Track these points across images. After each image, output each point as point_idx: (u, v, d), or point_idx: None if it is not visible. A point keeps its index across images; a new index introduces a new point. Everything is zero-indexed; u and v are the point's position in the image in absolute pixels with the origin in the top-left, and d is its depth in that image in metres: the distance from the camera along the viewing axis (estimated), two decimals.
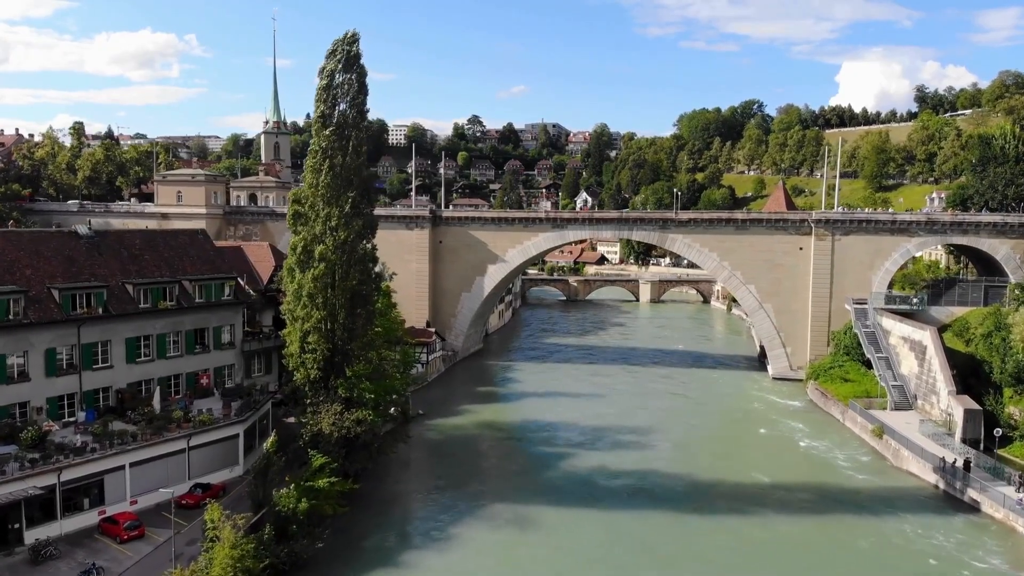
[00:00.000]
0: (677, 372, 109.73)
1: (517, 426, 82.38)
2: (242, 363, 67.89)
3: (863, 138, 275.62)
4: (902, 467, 68.72)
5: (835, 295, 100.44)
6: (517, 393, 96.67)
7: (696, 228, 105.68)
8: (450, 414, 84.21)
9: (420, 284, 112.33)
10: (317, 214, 56.18)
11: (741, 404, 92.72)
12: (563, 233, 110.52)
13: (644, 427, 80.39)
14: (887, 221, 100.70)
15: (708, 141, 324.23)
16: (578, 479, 65.05)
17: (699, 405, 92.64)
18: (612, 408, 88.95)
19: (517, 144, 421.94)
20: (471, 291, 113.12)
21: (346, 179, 56.71)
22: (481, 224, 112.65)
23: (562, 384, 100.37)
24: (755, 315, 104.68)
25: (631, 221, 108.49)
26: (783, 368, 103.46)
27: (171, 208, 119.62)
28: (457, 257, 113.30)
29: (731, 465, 69.79)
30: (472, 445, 75.77)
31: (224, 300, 65.93)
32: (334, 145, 56.25)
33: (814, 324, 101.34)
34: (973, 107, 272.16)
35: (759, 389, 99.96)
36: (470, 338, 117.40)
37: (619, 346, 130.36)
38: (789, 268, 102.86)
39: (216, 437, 56.94)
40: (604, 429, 79.35)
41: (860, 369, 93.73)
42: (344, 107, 57.39)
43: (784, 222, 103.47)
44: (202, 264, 66.57)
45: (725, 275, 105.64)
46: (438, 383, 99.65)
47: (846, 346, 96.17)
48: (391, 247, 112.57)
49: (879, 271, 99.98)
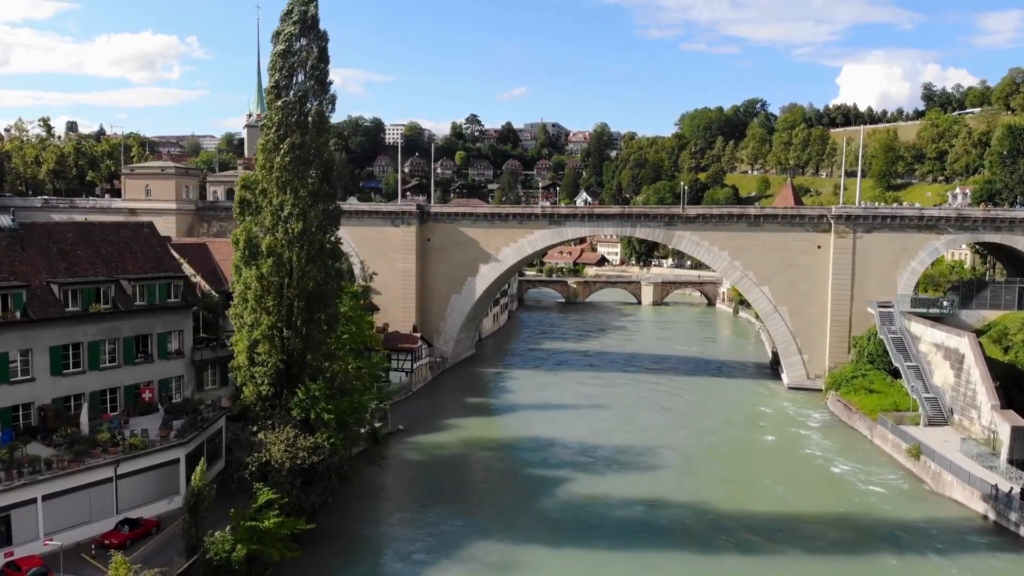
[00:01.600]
0: (683, 380, 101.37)
1: (508, 443, 73.99)
2: (193, 375, 59.55)
3: (870, 136, 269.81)
4: (944, 493, 60.39)
5: (857, 297, 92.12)
6: (510, 404, 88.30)
7: (705, 225, 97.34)
8: (434, 429, 75.76)
9: (407, 285, 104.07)
10: (270, 201, 47.86)
11: (756, 417, 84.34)
12: (561, 230, 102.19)
13: (649, 445, 72.01)
14: (913, 217, 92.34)
15: (711, 140, 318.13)
16: (575, 510, 56.69)
17: (709, 419, 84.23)
18: (613, 422, 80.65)
19: (516, 144, 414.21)
20: (462, 292, 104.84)
21: (304, 160, 48.43)
22: (472, 220, 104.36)
23: (559, 394, 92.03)
24: (769, 319, 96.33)
25: (634, 217, 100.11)
26: (799, 377, 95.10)
27: (139, 203, 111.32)
28: (447, 256, 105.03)
29: (748, 492, 61.34)
30: (457, 467, 67.24)
31: (171, 303, 57.59)
32: (290, 121, 47.97)
33: (833, 329, 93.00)
34: (983, 105, 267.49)
35: (774, 400, 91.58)
36: (461, 343, 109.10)
37: (621, 351, 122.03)
38: (806, 268, 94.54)
39: (151, 463, 48.76)
40: (605, 448, 71.02)
41: (885, 379, 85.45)
42: (303, 77, 49.11)
43: (801, 218, 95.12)
44: (146, 261, 58.22)
45: (736, 276, 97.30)
46: (424, 393, 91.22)
47: (870, 353, 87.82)
48: (375, 245, 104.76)
49: (905, 271, 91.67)
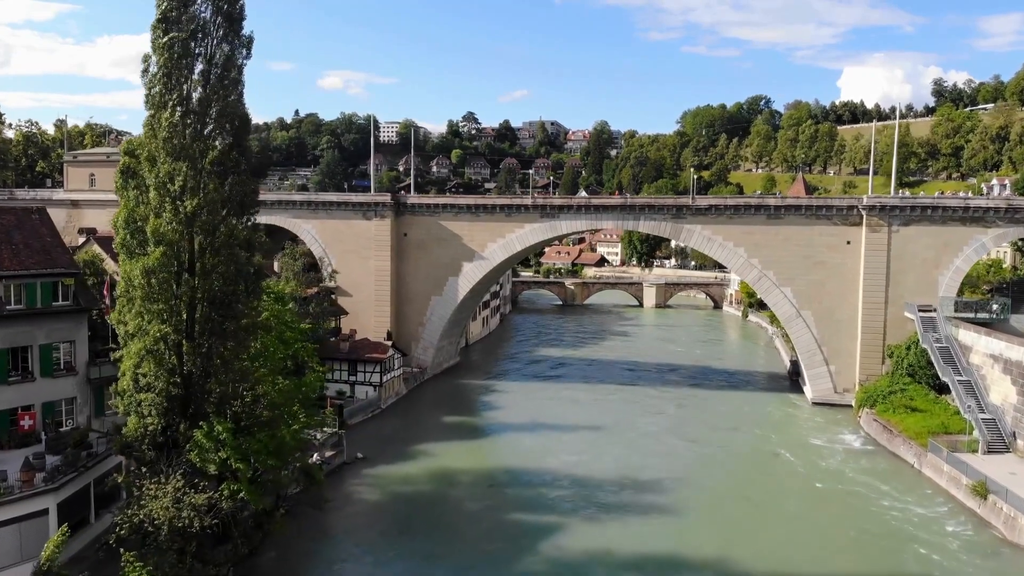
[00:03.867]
0: (691, 394, 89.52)
1: (490, 476, 61.52)
2: (89, 396, 47.85)
3: (881, 132, 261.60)
4: (1022, 544, 48.65)
5: (892, 300, 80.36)
6: (495, 425, 76.32)
7: (718, 217, 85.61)
8: (402, 457, 63.65)
9: (380, 286, 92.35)
10: (156, 172, 36.09)
11: (780, 441, 72.45)
12: (554, 223, 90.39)
13: (657, 478, 60.06)
14: (957, 207, 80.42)
15: (714, 138, 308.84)
16: (569, 569, 44.89)
17: (726, 442, 72.21)
18: (614, 448, 68.66)
19: (514, 142, 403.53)
20: (443, 294, 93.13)
21: (203, 118, 36.62)
22: (455, 213, 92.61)
23: (552, 411, 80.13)
24: (791, 325, 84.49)
25: (637, 208, 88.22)
26: (826, 391, 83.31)
27: (82, 194, 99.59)
28: (426, 253, 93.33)
29: (779, 547, 49.21)
30: (425, 507, 54.70)
31: (58, 307, 46.01)
32: (184, 65, 36.14)
33: (865, 336, 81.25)
34: (996, 100, 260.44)
35: (797, 418, 79.76)
36: (442, 351, 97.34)
37: (621, 359, 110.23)
38: (834, 267, 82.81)
39: (6, 516, 37.10)
40: (605, 484, 58.71)
41: (928, 395, 73.77)
42: (207, 9, 37.22)
43: (828, 209, 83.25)
44: (29, 255, 46.51)
45: (754, 275, 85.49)
46: (395, 411, 79.21)
47: (909, 365, 76.07)
48: (345, 240, 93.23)
49: (947, 270, 79.94)
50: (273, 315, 44.24)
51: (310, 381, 46.25)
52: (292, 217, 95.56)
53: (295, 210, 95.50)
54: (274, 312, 44.16)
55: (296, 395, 43.23)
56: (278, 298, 44.35)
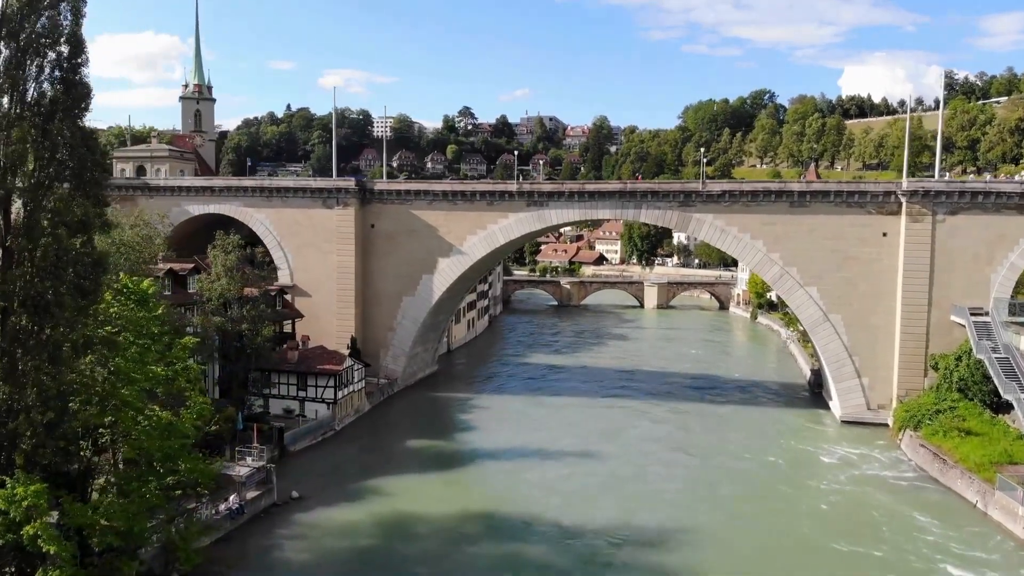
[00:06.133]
0: (699, 410, 77.73)
1: (455, 524, 48.75)
2: None
3: (891, 126, 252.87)
4: None
5: (936, 302, 68.70)
6: (469, 451, 64.07)
7: (732, 205, 73.86)
8: (348, 496, 51.43)
9: (344, 284, 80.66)
10: None
11: (809, 471, 60.62)
12: (542, 213, 78.60)
13: (662, 529, 47.79)
14: (1014, 193, 68.62)
15: (716, 133, 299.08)
16: None
17: (743, 475, 59.94)
18: (611, 481, 56.77)
19: (511, 138, 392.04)
20: (416, 294, 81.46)
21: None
22: (429, 201, 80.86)
23: (540, 433, 68.30)
24: (817, 330, 72.72)
25: (638, 195, 76.40)
26: (857, 407, 71.62)
27: None
28: (396, 247, 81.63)
29: None
30: (367, 568, 43.09)
31: None
32: None
33: (904, 344, 69.59)
34: (1010, 93, 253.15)
35: (826, 440, 67.94)
36: (416, 360, 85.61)
37: (620, 367, 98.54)
38: (867, 263, 71.13)
39: None
40: (601, 532, 46.84)
41: (982, 414, 62.08)
42: None
43: (861, 196, 71.40)
44: None
45: (774, 273, 73.71)
46: (352, 432, 67.02)
47: (960, 379, 64.38)
48: (304, 232, 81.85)
49: (1001, 266, 68.21)
50: (135, 325, 32.38)
51: (194, 411, 33.95)
52: (243, 206, 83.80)
53: (246, 197, 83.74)
54: (134, 320, 32.41)
55: (172, 435, 31.11)
56: (140, 300, 32.76)
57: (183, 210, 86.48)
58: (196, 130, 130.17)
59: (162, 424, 30.61)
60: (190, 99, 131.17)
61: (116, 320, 30.99)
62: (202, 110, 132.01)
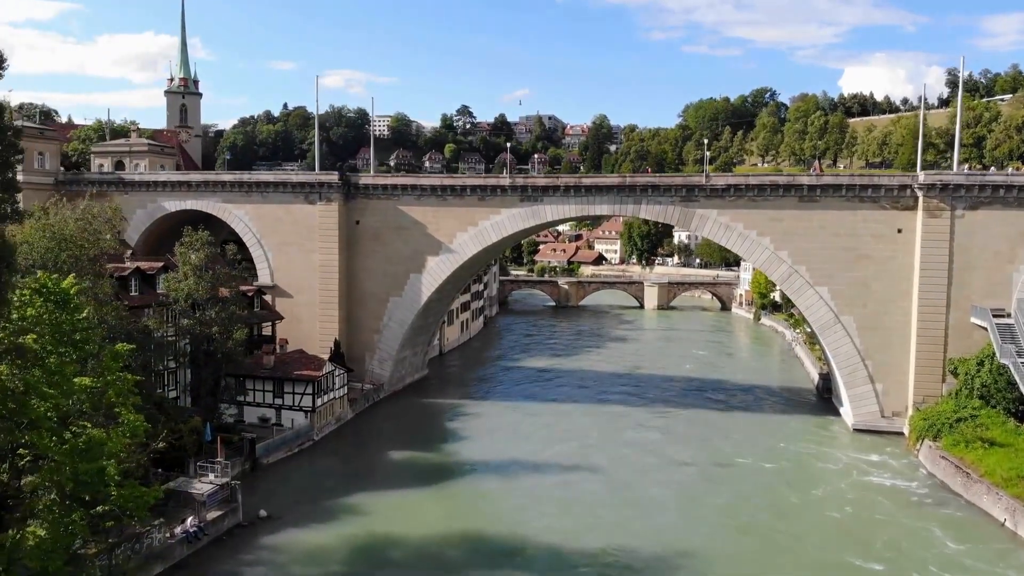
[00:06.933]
0: (702, 418, 73.58)
1: (438, 548, 44.40)
2: None
3: (895, 123, 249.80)
4: None
5: (955, 303, 64.53)
6: (456, 464, 59.61)
7: (738, 200, 69.68)
8: (321, 515, 47.08)
9: (327, 284, 76.52)
10: None
11: (820, 482, 56.47)
12: (537, 208, 74.41)
13: (663, 554, 43.73)
14: None
15: (717, 131, 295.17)
16: None
17: (753, 483, 56.08)
18: (608, 499, 52.54)
19: (510, 137, 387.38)
20: (403, 295, 77.31)
21: None
22: (417, 196, 76.68)
23: (534, 444, 64.10)
24: (828, 332, 68.50)
25: (638, 190, 72.22)
26: (870, 414, 67.45)
27: None
28: (383, 245, 77.48)
29: None
30: None
31: None
32: None
33: (921, 348, 65.39)
34: (1016, 91, 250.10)
35: (838, 450, 63.64)
36: (404, 364, 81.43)
37: (620, 371, 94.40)
38: (881, 261, 66.97)
39: None
40: (593, 560, 42.80)
41: (1006, 423, 58.05)
42: None
43: (875, 190, 67.19)
44: None
45: (782, 272, 69.51)
46: (331, 443, 62.65)
47: (983, 385, 60.23)
48: (285, 229, 77.97)
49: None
50: (51, 328, 28.14)
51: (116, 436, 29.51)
52: (222, 202, 79.55)
53: (225, 193, 79.49)
54: (51, 323, 28.20)
55: (96, 456, 26.76)
56: (60, 302, 28.46)
57: (159, 206, 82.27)
58: (181, 125, 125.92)
59: (81, 444, 26.35)
60: (175, 93, 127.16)
61: (33, 325, 26.94)
62: (188, 105, 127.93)
